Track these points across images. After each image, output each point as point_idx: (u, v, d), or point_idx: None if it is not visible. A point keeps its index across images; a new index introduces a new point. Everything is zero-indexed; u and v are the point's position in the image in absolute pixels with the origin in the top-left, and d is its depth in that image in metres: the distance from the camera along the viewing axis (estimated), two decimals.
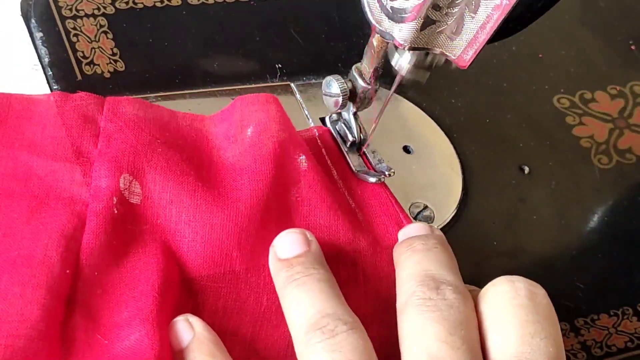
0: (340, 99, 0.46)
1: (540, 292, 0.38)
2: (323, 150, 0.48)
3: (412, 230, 0.44)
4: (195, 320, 0.39)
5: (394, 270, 0.42)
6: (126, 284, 0.39)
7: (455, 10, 0.37)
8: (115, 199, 0.40)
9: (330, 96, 0.46)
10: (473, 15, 0.36)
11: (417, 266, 0.40)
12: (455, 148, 0.54)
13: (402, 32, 0.38)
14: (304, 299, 0.39)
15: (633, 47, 0.65)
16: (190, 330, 0.38)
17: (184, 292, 0.40)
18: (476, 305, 0.39)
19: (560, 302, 0.49)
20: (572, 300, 0.49)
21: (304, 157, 0.45)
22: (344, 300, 0.39)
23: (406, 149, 0.53)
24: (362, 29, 0.56)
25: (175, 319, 0.38)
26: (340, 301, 0.39)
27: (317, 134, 0.48)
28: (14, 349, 0.34)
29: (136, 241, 0.41)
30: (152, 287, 0.39)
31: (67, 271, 0.37)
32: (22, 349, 0.34)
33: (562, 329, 0.48)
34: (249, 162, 0.43)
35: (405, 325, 0.38)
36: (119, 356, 0.36)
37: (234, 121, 0.45)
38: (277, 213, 0.43)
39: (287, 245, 0.41)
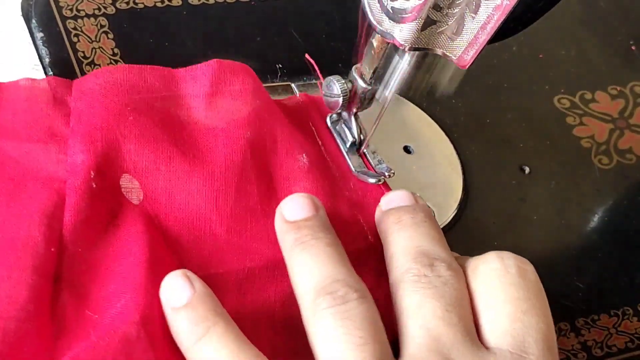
0: (340, 100, 0.46)
1: (529, 268, 0.39)
2: (310, 123, 0.48)
3: (396, 197, 0.43)
4: (193, 276, 0.37)
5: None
6: (111, 257, 0.39)
7: (455, 10, 0.37)
8: (92, 173, 0.40)
9: (330, 97, 0.46)
10: (474, 15, 0.36)
11: (408, 242, 0.40)
12: (455, 148, 0.54)
13: (403, 33, 0.38)
14: (312, 263, 0.38)
15: (633, 47, 0.65)
16: (190, 287, 0.37)
17: (168, 258, 0.40)
18: (467, 279, 0.39)
19: (560, 302, 0.49)
20: (572, 300, 0.49)
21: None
22: (352, 268, 0.39)
23: (406, 149, 0.53)
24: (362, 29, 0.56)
25: (172, 274, 0.37)
26: (349, 268, 0.38)
27: (301, 101, 0.49)
28: (5, 331, 0.34)
29: (117, 213, 0.41)
30: (137, 257, 0.39)
31: (52, 249, 0.37)
32: (13, 330, 0.34)
33: (562, 329, 0.48)
34: (223, 125, 0.44)
35: (401, 301, 0.38)
36: (108, 326, 0.36)
37: (210, 83, 0.45)
38: (256, 176, 0.43)
39: (295, 207, 0.40)
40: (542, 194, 0.54)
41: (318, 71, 0.49)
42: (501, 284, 0.38)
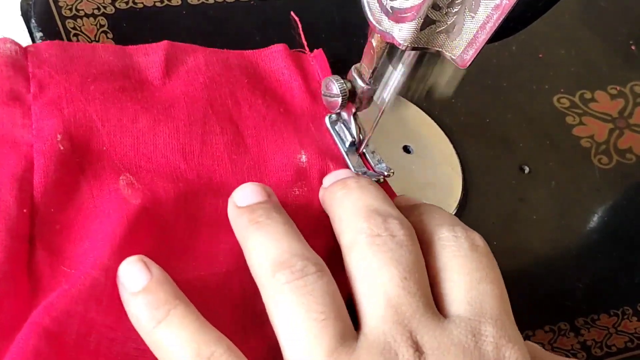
0: (339, 100, 0.45)
1: (477, 236, 0.40)
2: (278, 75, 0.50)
3: (338, 174, 0.43)
4: (150, 262, 0.37)
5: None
6: (84, 216, 0.39)
7: (455, 10, 0.37)
8: (59, 136, 0.41)
9: (329, 96, 0.46)
10: (473, 15, 0.36)
11: (357, 202, 0.40)
12: (455, 148, 0.54)
13: (402, 32, 0.38)
14: (268, 241, 0.38)
15: (633, 47, 0.65)
16: (147, 272, 0.36)
17: (141, 215, 0.40)
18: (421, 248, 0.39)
19: (560, 302, 0.49)
20: (572, 300, 0.49)
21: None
22: (308, 244, 0.38)
23: (406, 149, 0.53)
24: (362, 29, 0.56)
25: (128, 260, 0.37)
26: (305, 244, 0.38)
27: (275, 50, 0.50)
28: None
29: (87, 173, 0.41)
30: (110, 214, 0.39)
31: (24, 210, 0.38)
32: None
33: (562, 329, 0.48)
34: (182, 89, 0.46)
35: (357, 265, 0.37)
36: (79, 275, 0.36)
37: (164, 57, 0.47)
38: (220, 128, 0.45)
39: (247, 194, 0.40)
40: (542, 194, 0.54)
41: (302, 35, 0.51)
42: (455, 257, 0.39)
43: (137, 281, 0.36)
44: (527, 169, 0.55)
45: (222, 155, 0.44)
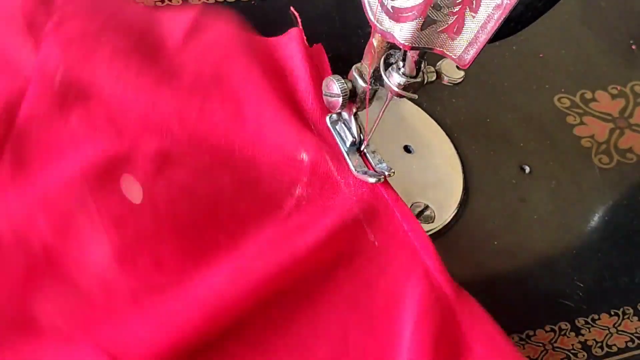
0: (340, 99, 0.45)
1: None
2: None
3: None
4: None
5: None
6: (56, 145, 0.41)
7: (456, 10, 0.37)
8: (59, 74, 0.42)
9: (330, 96, 0.46)
10: (474, 15, 0.36)
11: None
12: (455, 148, 0.54)
13: (403, 32, 0.38)
14: None
15: (633, 47, 0.65)
16: None
17: (112, 159, 0.41)
18: None
19: (561, 302, 0.49)
20: (573, 300, 0.49)
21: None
22: None
23: (407, 149, 0.53)
24: (362, 29, 0.56)
25: None
26: None
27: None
28: None
29: (79, 110, 0.42)
30: (81, 150, 0.41)
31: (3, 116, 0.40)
32: None
33: (562, 329, 0.48)
34: (196, 54, 0.47)
35: None
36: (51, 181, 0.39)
37: (192, 26, 0.48)
38: (220, 100, 0.46)
39: None
40: (542, 194, 0.54)
41: (300, 24, 0.51)
42: None
43: None
44: (527, 169, 0.55)
45: (219, 126, 0.45)
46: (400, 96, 0.43)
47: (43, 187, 0.39)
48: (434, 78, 0.44)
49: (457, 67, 0.43)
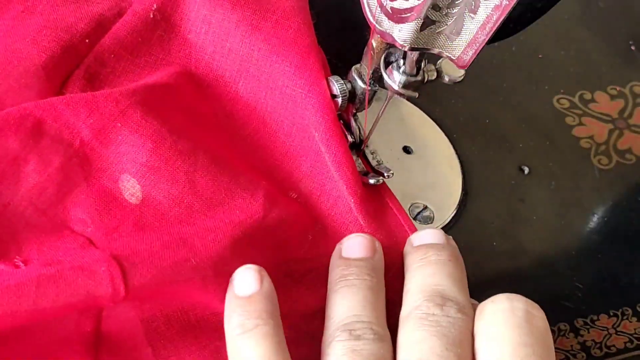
0: (339, 100, 0.45)
1: (538, 314, 0.38)
2: None
3: (427, 236, 0.43)
4: (265, 275, 0.39)
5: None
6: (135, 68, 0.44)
7: (455, 10, 0.37)
8: (155, 5, 0.44)
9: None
10: (473, 15, 0.36)
11: (427, 279, 0.40)
12: (455, 148, 0.54)
13: (402, 33, 0.38)
14: (346, 301, 0.39)
15: (633, 47, 0.65)
16: (259, 282, 0.38)
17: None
18: (474, 319, 0.39)
19: (560, 302, 0.49)
20: (572, 300, 0.49)
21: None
22: (384, 311, 0.40)
23: (406, 149, 0.53)
24: (362, 29, 0.56)
25: (247, 267, 0.39)
26: (379, 313, 0.39)
27: None
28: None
29: (164, 46, 0.45)
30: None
31: (87, 40, 0.42)
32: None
33: (561, 329, 0.48)
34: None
35: (403, 337, 0.38)
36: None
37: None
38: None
39: (354, 246, 0.42)
40: (541, 194, 0.54)
41: None
42: (504, 326, 0.37)
43: (246, 287, 0.38)
44: (527, 169, 0.55)
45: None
46: (401, 95, 0.43)
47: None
48: (435, 77, 0.44)
49: None
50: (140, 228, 0.39)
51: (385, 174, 0.46)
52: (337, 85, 0.45)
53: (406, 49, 0.39)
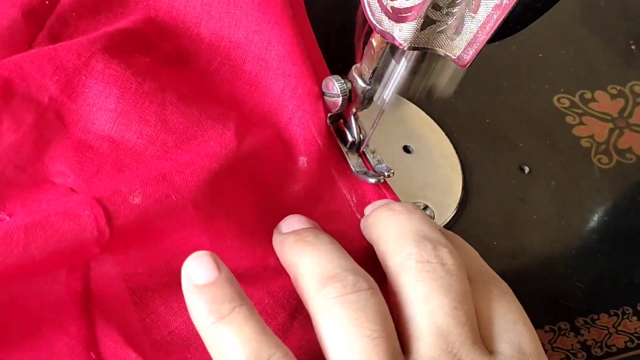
0: (340, 100, 0.45)
1: (505, 287, 0.40)
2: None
3: (381, 201, 0.43)
4: (220, 261, 0.36)
5: None
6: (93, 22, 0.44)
7: (455, 10, 0.37)
8: None
9: (330, 97, 0.46)
10: (473, 15, 0.36)
11: (405, 226, 0.39)
12: (455, 148, 0.54)
13: (403, 32, 0.38)
14: (317, 256, 0.37)
15: (633, 47, 0.65)
16: (216, 268, 0.35)
17: None
18: None
19: (560, 302, 0.49)
20: (572, 300, 0.49)
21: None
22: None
23: (406, 149, 0.53)
24: (361, 29, 0.56)
25: (198, 253, 0.36)
26: (356, 264, 0.37)
27: None
28: None
29: (121, 1, 0.45)
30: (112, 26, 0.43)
31: (46, 2, 0.42)
32: None
33: (562, 329, 0.48)
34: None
35: (406, 292, 0.37)
36: None
37: None
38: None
39: (293, 222, 0.41)
40: (542, 194, 0.54)
41: None
42: (489, 299, 0.38)
43: (204, 275, 0.35)
44: (527, 169, 0.55)
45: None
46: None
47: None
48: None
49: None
50: (119, 170, 0.39)
51: (386, 173, 0.47)
52: (337, 85, 0.45)
53: (406, 48, 0.39)
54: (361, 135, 0.47)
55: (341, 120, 0.48)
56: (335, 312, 0.35)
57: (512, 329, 0.38)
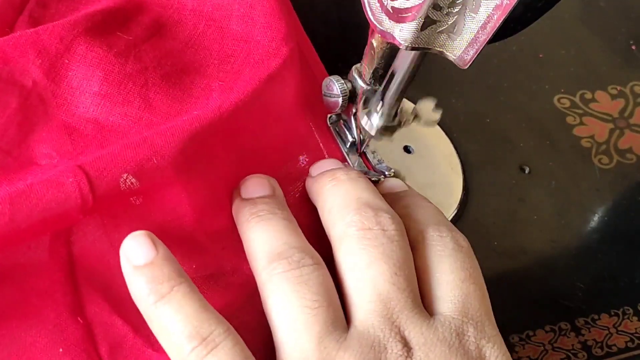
0: (340, 100, 0.45)
1: (463, 241, 0.40)
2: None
3: (325, 164, 0.43)
4: (157, 239, 0.37)
5: None
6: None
7: (455, 10, 0.37)
8: None
9: (330, 97, 0.46)
10: (474, 15, 0.36)
11: (347, 194, 0.40)
12: (455, 148, 0.54)
13: (403, 32, 0.38)
14: (268, 233, 0.38)
15: (633, 47, 0.65)
16: (153, 247, 0.36)
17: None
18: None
19: (560, 302, 0.49)
20: (572, 300, 0.49)
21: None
22: (307, 241, 0.39)
23: (406, 149, 0.53)
24: (362, 29, 0.56)
25: (134, 234, 0.37)
26: (304, 239, 0.38)
27: None
28: None
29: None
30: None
31: None
32: None
33: (562, 329, 0.48)
34: None
35: (347, 258, 0.38)
36: None
37: None
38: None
39: (252, 187, 0.41)
40: (542, 194, 0.54)
41: None
42: (440, 256, 0.39)
43: (142, 255, 0.36)
44: (527, 169, 0.55)
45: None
46: (377, 138, 0.44)
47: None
48: (411, 121, 0.45)
49: (435, 106, 0.45)
50: (104, 148, 0.39)
51: (387, 173, 0.47)
52: (337, 85, 0.45)
53: (407, 49, 0.39)
54: (361, 135, 0.47)
55: (341, 120, 0.48)
56: (279, 286, 0.36)
57: (460, 287, 0.38)
